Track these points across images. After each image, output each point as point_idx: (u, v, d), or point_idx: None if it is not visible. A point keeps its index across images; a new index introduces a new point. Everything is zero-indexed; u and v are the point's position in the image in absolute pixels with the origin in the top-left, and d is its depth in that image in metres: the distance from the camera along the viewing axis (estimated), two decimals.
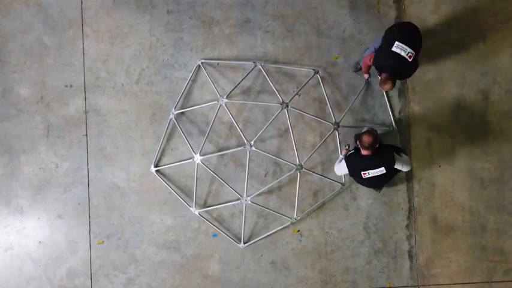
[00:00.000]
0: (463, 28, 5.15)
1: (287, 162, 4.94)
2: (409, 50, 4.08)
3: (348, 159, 4.41)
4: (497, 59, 5.15)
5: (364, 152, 4.23)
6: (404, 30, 4.22)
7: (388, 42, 4.19)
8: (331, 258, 5.05)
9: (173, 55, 5.09)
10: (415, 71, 4.33)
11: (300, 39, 5.10)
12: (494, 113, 5.13)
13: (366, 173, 4.27)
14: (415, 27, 4.29)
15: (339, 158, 4.64)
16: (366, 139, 4.14)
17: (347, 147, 4.72)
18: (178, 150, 5.07)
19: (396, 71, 4.17)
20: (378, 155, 4.23)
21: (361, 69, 4.87)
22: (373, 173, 4.25)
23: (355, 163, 4.34)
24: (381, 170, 4.23)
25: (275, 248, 5.05)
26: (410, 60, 4.11)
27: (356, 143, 4.64)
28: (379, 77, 4.27)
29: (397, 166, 4.30)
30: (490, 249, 5.08)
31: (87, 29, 5.09)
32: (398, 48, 4.10)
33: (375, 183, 4.55)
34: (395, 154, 4.31)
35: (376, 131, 4.51)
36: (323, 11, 5.12)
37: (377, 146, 4.20)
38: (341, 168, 4.49)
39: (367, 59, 4.42)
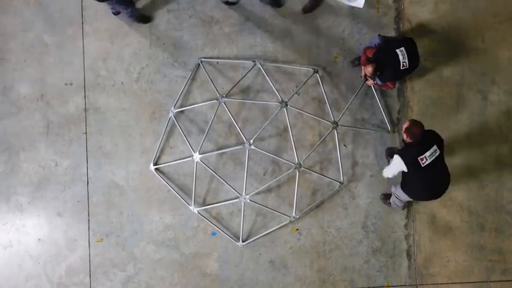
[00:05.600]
0: (462, 28, 5.16)
1: (286, 161, 4.95)
2: (407, 61, 4.42)
3: (401, 152, 4.24)
4: (497, 59, 5.16)
5: (411, 140, 4.12)
6: (413, 48, 4.50)
7: (396, 43, 4.50)
8: (330, 257, 5.06)
9: (173, 54, 5.11)
10: (390, 81, 4.71)
11: (300, 38, 5.11)
12: (493, 113, 5.15)
13: (423, 158, 4.10)
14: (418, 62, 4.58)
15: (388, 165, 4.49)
16: (416, 130, 4.07)
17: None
18: (178, 149, 5.08)
19: (385, 67, 4.45)
20: (424, 137, 4.13)
21: (358, 64, 4.96)
22: (430, 155, 4.11)
23: (410, 152, 4.16)
24: (435, 150, 4.13)
25: (274, 246, 5.06)
26: (401, 68, 4.44)
27: (389, 156, 4.69)
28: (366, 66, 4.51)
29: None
30: (488, 249, 5.08)
31: (87, 28, 5.10)
32: (401, 52, 4.42)
33: (435, 179, 4.29)
34: None
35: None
36: (322, 11, 5.13)
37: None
38: (395, 166, 4.27)
39: (368, 51, 4.58)
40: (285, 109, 4.88)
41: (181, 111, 5.08)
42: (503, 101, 5.15)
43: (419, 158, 4.11)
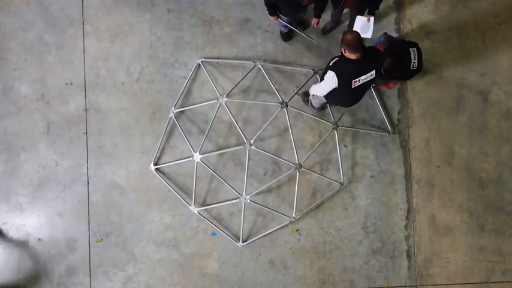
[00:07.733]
0: (463, 29, 5.16)
1: (286, 162, 4.94)
2: (417, 62, 4.34)
3: (335, 67, 3.75)
4: (497, 59, 5.16)
5: (353, 56, 3.68)
6: (419, 53, 4.40)
7: (409, 43, 4.42)
8: (330, 257, 5.06)
9: (173, 54, 5.11)
10: (394, 80, 4.68)
11: (300, 38, 5.11)
12: (493, 114, 5.15)
13: (356, 81, 3.73)
14: None
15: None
16: (351, 37, 3.57)
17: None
18: (178, 149, 5.08)
19: (399, 64, 4.36)
20: (367, 56, 3.72)
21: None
22: (364, 78, 3.76)
23: (345, 70, 3.72)
24: (371, 74, 3.76)
25: (274, 247, 5.05)
26: (411, 68, 4.35)
27: (306, 96, 4.57)
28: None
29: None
30: (488, 250, 5.08)
31: (87, 27, 5.10)
32: (413, 53, 4.35)
33: (357, 96, 4.09)
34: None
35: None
36: (324, 12, 5.11)
37: (363, 44, 3.69)
38: (328, 83, 3.82)
39: (377, 47, 4.44)
40: (285, 109, 4.88)
41: (182, 111, 5.08)
42: (503, 102, 5.15)
43: (353, 80, 3.73)
